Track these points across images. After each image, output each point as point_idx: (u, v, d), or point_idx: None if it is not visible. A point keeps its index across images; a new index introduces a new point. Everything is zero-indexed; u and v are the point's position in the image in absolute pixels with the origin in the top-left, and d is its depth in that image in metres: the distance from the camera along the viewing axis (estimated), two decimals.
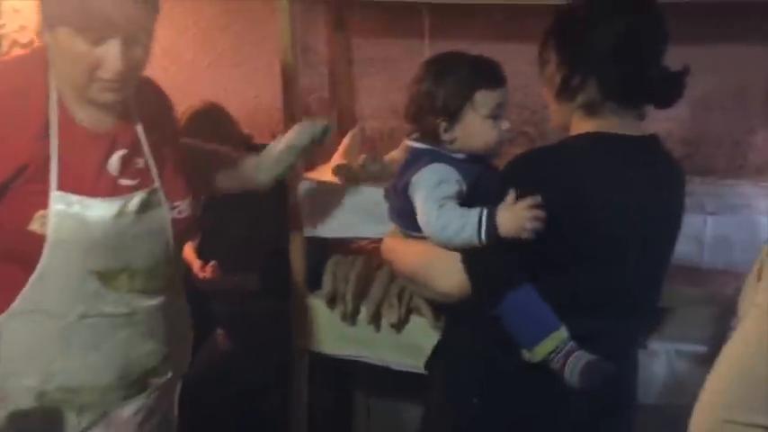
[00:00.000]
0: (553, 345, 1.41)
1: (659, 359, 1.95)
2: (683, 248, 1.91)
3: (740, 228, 1.92)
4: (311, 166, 2.38)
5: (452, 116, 1.51)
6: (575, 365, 1.39)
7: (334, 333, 2.32)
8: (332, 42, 2.63)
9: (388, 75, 2.61)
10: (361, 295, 2.27)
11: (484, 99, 1.51)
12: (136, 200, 1.49)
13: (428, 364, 1.73)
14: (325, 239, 2.30)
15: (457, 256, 1.44)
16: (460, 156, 1.53)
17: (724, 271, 2.03)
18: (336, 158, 2.33)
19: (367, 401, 2.78)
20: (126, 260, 1.50)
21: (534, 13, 2.33)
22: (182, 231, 1.59)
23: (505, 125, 1.54)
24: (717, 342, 1.96)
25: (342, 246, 2.41)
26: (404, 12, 2.51)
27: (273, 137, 2.57)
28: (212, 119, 2.45)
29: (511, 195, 1.36)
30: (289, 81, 2.15)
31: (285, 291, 2.34)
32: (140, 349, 1.60)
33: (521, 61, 2.35)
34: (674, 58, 2.27)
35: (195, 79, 2.81)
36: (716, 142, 2.34)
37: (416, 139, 1.61)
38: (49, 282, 1.46)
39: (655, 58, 1.45)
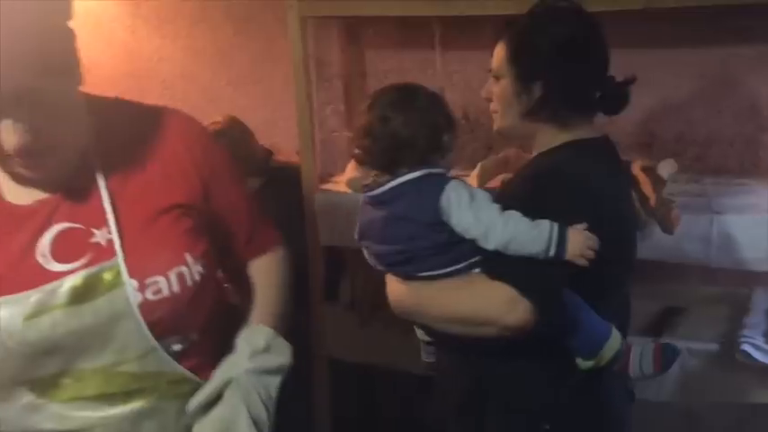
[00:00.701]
0: (617, 344, 1.42)
1: None
2: (692, 247, 1.94)
3: (750, 226, 1.93)
4: (327, 177, 2.45)
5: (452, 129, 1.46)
6: (643, 356, 1.43)
7: (353, 340, 2.36)
8: (346, 56, 2.69)
9: None
10: (378, 301, 2.31)
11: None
12: (66, 287, 1.12)
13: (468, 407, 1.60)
14: (341, 248, 2.35)
15: (509, 288, 1.36)
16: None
17: (732, 270, 2.04)
18: (349, 170, 2.39)
19: (390, 407, 2.81)
20: (64, 361, 1.14)
21: None
22: (169, 316, 1.18)
23: None
24: (728, 340, 1.99)
25: (358, 254, 2.46)
26: (415, 24, 2.57)
27: (296, 152, 2.66)
28: (235, 135, 2.49)
29: (583, 225, 1.35)
30: (301, 95, 2.22)
31: (304, 300, 2.39)
32: None
33: None
34: (684, 61, 2.31)
35: (215, 99, 2.89)
36: (727, 142, 2.35)
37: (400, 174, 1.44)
38: None
39: (607, 68, 1.51)
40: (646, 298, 2.13)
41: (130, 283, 1.15)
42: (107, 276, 1.14)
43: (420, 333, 1.65)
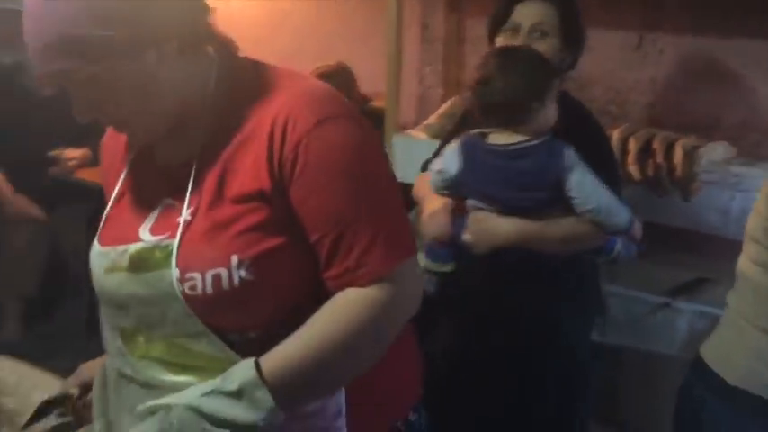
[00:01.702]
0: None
1: (683, 317, 2.15)
2: (711, 218, 2.11)
3: None
4: (408, 124, 2.76)
5: (542, 101, 1.64)
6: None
7: None
8: (447, 21, 2.98)
9: None
10: None
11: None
12: (128, 252, 1.15)
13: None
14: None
15: None
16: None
17: None
18: (432, 118, 2.69)
19: None
20: (137, 320, 1.17)
21: (624, 1, 2.57)
22: (207, 313, 1.11)
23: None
24: None
25: None
26: None
27: None
28: (340, 79, 2.82)
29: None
30: (392, 49, 2.54)
31: None
32: None
33: (609, 46, 2.61)
34: (729, 51, 2.42)
35: (336, 48, 3.23)
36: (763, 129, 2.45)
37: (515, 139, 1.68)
38: (103, 326, 1.27)
39: None
40: (680, 266, 2.32)
41: (175, 272, 1.09)
42: (158, 254, 1.12)
43: (430, 264, 1.82)
